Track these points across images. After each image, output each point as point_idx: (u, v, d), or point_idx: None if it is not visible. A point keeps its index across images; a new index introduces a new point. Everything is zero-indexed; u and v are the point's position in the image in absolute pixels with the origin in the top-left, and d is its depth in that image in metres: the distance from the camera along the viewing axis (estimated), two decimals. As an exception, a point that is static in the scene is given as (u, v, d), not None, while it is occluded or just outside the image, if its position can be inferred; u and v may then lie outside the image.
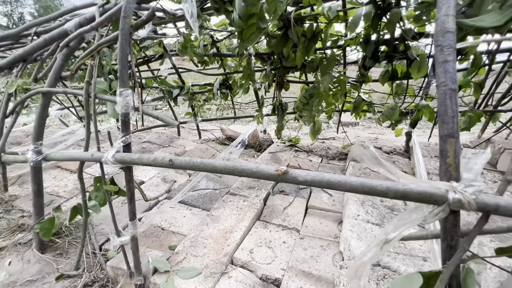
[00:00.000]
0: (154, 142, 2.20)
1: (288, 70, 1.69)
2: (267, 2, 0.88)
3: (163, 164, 0.63)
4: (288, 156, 1.98)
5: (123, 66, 0.69)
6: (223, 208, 1.28)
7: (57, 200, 1.38)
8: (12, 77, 1.25)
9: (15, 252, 1.02)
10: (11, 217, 1.21)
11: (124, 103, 0.69)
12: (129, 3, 0.67)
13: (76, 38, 0.96)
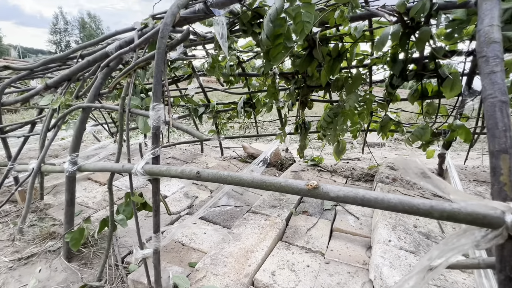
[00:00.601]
0: (178, 158, 2.26)
1: (312, 89, 1.69)
2: (295, 22, 0.91)
3: (190, 176, 0.64)
4: (311, 175, 1.93)
5: (157, 82, 0.72)
6: (244, 226, 1.25)
7: (85, 211, 1.44)
8: (57, 94, 1.38)
9: (44, 259, 1.06)
10: (43, 225, 1.27)
11: (156, 117, 0.73)
12: (166, 26, 0.73)
13: (116, 58, 1.05)
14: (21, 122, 1.51)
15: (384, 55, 1.34)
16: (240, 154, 2.46)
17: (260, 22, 1.16)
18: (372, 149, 2.71)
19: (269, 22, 0.92)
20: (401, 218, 1.16)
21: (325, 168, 2.07)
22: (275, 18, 0.91)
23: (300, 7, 0.90)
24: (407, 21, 1.08)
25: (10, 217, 1.34)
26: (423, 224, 1.14)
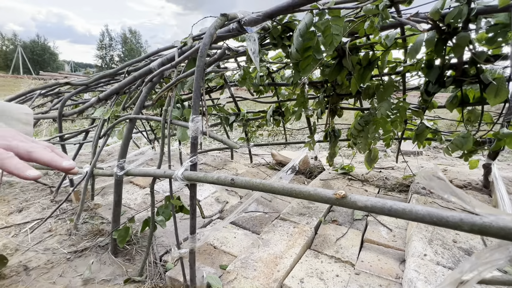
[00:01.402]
0: (210, 164, 2.37)
1: (342, 97, 1.69)
2: (324, 35, 0.94)
3: (225, 182, 0.69)
4: (341, 184, 1.90)
5: (196, 97, 0.80)
6: (273, 232, 1.28)
7: (128, 211, 1.58)
8: (107, 106, 1.55)
9: (95, 253, 1.19)
10: (94, 223, 1.42)
11: (194, 128, 0.80)
12: (205, 45, 0.80)
13: (158, 74, 1.16)
14: (77, 131, 1.72)
15: (418, 62, 1.30)
16: (269, 161, 2.50)
17: (290, 35, 1.21)
18: (408, 158, 2.58)
19: (298, 37, 0.96)
20: (439, 232, 1.10)
21: (355, 177, 2.02)
22: (304, 33, 0.95)
23: (329, 20, 0.93)
24: (442, 27, 1.05)
25: (67, 214, 1.52)
26: (464, 239, 1.07)
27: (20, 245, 1.24)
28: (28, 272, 1.06)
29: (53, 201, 1.70)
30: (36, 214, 1.54)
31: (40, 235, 1.33)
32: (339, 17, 0.92)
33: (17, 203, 1.71)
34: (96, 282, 1.03)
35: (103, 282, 1.03)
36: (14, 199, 1.76)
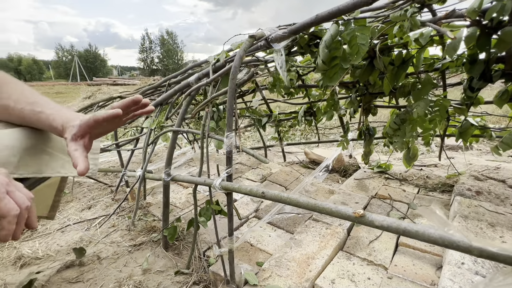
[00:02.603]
0: (245, 163, 2.49)
1: (375, 96, 1.64)
2: (350, 45, 0.95)
3: (257, 194, 0.77)
4: (377, 184, 1.86)
5: (230, 115, 0.89)
6: (306, 233, 1.34)
7: (174, 210, 1.77)
8: (153, 117, 1.74)
9: (150, 247, 1.38)
10: (147, 220, 1.63)
11: (229, 143, 0.90)
12: (235, 68, 0.89)
13: (195, 89, 1.29)
14: (129, 139, 1.96)
15: (459, 58, 1.22)
16: (302, 160, 2.53)
17: (317, 42, 1.23)
18: (455, 153, 2.38)
19: (324, 48, 0.99)
20: (482, 239, 1.05)
21: (393, 175, 1.96)
22: (330, 44, 0.98)
23: (355, 30, 0.94)
24: (484, 23, 0.98)
25: (125, 212, 1.77)
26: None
27: (92, 238, 1.49)
28: (100, 261, 1.29)
29: (114, 200, 1.97)
30: (101, 211, 1.82)
31: (106, 230, 1.58)
32: (365, 26, 0.93)
33: (86, 200, 2.03)
34: (152, 272, 1.21)
35: (158, 273, 1.21)
36: (83, 197, 2.09)
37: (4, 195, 0.51)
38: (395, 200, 1.62)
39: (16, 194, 0.55)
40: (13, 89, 0.75)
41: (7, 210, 0.50)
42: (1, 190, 0.51)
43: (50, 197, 1.05)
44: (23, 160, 0.76)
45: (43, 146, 0.80)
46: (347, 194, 1.71)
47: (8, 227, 0.50)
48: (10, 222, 0.50)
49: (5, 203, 0.50)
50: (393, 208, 1.53)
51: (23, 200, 0.55)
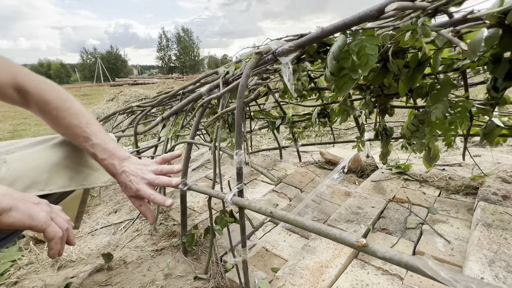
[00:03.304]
0: (260, 165, 2.51)
1: (391, 97, 1.59)
2: (358, 56, 0.93)
3: (265, 213, 0.80)
4: (395, 186, 1.81)
5: (238, 133, 0.92)
6: (320, 240, 1.35)
7: (193, 214, 1.84)
8: (168, 126, 1.81)
9: (170, 252, 1.46)
10: (168, 224, 1.72)
11: (238, 160, 0.92)
12: (242, 87, 0.90)
13: (207, 102, 1.32)
14: (148, 146, 2.06)
15: (481, 58, 1.14)
16: (318, 160, 2.51)
17: (326, 49, 1.21)
18: (482, 151, 2.24)
19: (332, 60, 0.97)
20: (506, 251, 1.00)
21: (413, 176, 1.89)
22: (338, 55, 0.96)
23: (363, 40, 0.92)
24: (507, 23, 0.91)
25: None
26: (539, 260, 0.95)
27: (118, 242, 1.61)
28: (126, 265, 1.39)
29: (137, 204, 2.09)
30: (126, 215, 1.94)
31: (131, 234, 1.69)
32: (374, 36, 0.90)
33: (113, 204, 2.16)
34: (173, 277, 1.29)
35: (178, 278, 1.28)
36: (110, 201, 2.24)
37: (50, 222, 0.61)
38: (414, 204, 1.57)
39: (58, 220, 0.64)
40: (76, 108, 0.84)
41: (53, 234, 0.60)
42: (47, 218, 0.61)
43: (74, 208, 1.15)
44: (51, 177, 0.85)
45: (67, 162, 0.88)
46: (363, 198, 1.68)
47: (55, 247, 0.61)
48: (56, 243, 0.61)
49: (51, 229, 0.60)
50: (411, 212, 1.49)
51: (63, 224, 0.64)
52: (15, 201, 0.57)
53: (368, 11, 0.76)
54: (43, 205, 0.64)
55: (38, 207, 0.61)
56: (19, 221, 0.56)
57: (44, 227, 0.59)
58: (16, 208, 0.56)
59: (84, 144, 0.80)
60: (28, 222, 0.57)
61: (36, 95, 0.77)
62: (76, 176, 0.91)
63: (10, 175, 0.75)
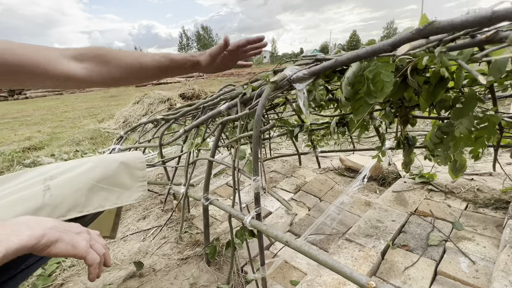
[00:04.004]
0: (279, 171, 2.55)
1: (413, 108, 1.54)
2: (373, 82, 0.93)
3: (281, 241, 0.84)
4: (418, 197, 1.76)
5: (255, 160, 0.96)
6: (338, 254, 1.37)
7: (214, 223, 1.93)
8: (191, 138, 1.90)
9: (195, 261, 1.56)
10: (192, 232, 1.82)
11: (256, 186, 0.97)
12: (258, 116, 0.95)
13: (225, 121, 1.38)
14: (172, 157, 2.17)
15: (508, 74, 1.08)
16: (337, 166, 2.49)
17: (343, 68, 1.21)
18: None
19: (347, 85, 0.98)
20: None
21: (438, 186, 1.83)
22: (353, 81, 0.97)
23: (378, 67, 0.92)
24: (536, 42, 0.86)
25: (173, 224, 1.99)
26: None
27: (147, 249, 1.74)
28: (155, 273, 1.51)
29: (163, 211, 2.23)
30: (154, 222, 2.08)
31: (159, 241, 1.81)
32: (389, 63, 0.89)
33: (141, 210, 2.32)
34: (198, 286, 1.38)
35: (202, 287, 1.37)
36: (139, 206, 2.40)
37: (89, 250, 0.71)
38: (437, 218, 1.53)
39: (96, 246, 0.74)
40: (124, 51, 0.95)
41: (92, 261, 0.69)
42: (87, 246, 0.70)
43: (111, 220, 1.27)
44: (88, 199, 0.96)
45: (101, 184, 0.99)
46: (384, 210, 1.66)
47: (94, 272, 0.70)
48: (95, 268, 0.69)
49: (91, 256, 0.69)
50: (434, 228, 1.45)
51: (101, 249, 0.73)
52: (61, 233, 0.66)
53: (382, 45, 0.76)
54: (84, 234, 0.73)
55: (79, 236, 0.71)
56: (64, 251, 0.65)
57: (85, 255, 0.68)
58: (62, 240, 0.65)
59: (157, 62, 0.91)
60: (71, 252, 0.66)
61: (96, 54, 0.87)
62: (110, 196, 1.01)
63: (54, 201, 0.86)
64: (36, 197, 0.84)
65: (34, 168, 0.98)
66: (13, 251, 0.55)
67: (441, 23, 0.66)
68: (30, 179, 0.91)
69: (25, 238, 0.58)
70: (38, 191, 0.86)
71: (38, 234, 0.61)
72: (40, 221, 0.65)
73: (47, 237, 0.62)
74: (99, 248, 0.72)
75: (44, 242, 0.62)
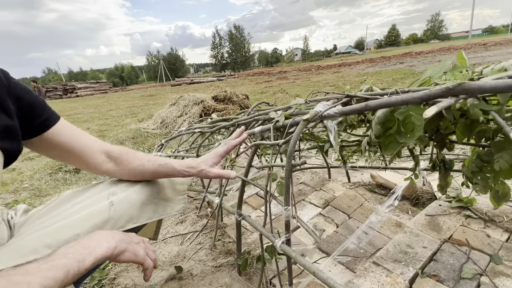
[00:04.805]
0: (308, 184, 2.60)
1: (449, 134, 1.50)
2: (403, 124, 0.97)
3: (309, 271, 0.92)
4: (453, 223, 1.71)
5: (286, 192, 1.06)
6: (364, 278, 1.41)
7: (245, 232, 2.06)
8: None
9: (227, 269, 1.70)
10: (224, 241, 1.97)
11: (287, 215, 1.06)
12: (291, 153, 1.03)
13: (258, 145, 1.48)
14: (208, 167, 2.35)
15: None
16: (368, 182, 2.48)
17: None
18: None
19: (377, 125, 1.02)
20: None
21: (477, 213, 1.75)
22: (383, 121, 1.01)
23: (409, 109, 0.95)
24: None
25: (207, 230, 2.16)
26: None
27: (185, 253, 1.92)
28: (192, 277, 1.68)
29: (198, 216, 2.42)
30: (190, 227, 2.27)
31: (195, 247, 1.99)
32: (419, 107, 0.92)
33: (179, 214, 2.54)
34: (230, 295, 1.52)
35: (234, 296, 1.51)
36: (176, 210, 2.62)
37: (146, 257, 0.89)
38: (473, 249, 1.48)
39: (150, 253, 0.92)
40: (142, 155, 1.14)
41: (148, 266, 0.87)
42: (145, 254, 0.89)
43: (154, 224, 1.47)
44: (141, 212, 1.14)
45: (151, 198, 1.16)
46: (415, 235, 1.65)
47: (148, 274, 0.88)
48: (150, 271, 0.88)
49: (147, 262, 0.88)
50: (469, 259, 1.42)
51: (153, 255, 0.93)
52: (127, 244, 0.83)
53: (412, 98, 0.80)
54: (142, 244, 0.91)
55: (139, 246, 0.88)
56: (128, 259, 0.83)
57: (143, 262, 0.87)
58: (127, 250, 0.83)
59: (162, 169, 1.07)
60: (134, 259, 0.84)
61: (118, 155, 1.09)
62: (157, 209, 1.18)
63: (116, 215, 1.04)
64: (103, 212, 1.03)
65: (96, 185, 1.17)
66: (99, 259, 0.73)
67: (471, 86, 0.68)
68: (96, 194, 1.11)
69: (105, 250, 0.76)
70: (104, 207, 1.05)
71: (113, 246, 0.79)
72: (113, 236, 0.83)
73: (118, 248, 0.80)
74: (152, 254, 0.92)
75: (116, 253, 0.80)
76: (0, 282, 0.55)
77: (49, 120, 0.99)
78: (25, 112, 0.91)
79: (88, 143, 1.05)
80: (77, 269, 0.66)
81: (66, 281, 0.63)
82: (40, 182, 3.79)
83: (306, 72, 25.38)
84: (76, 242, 0.73)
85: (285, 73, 27.42)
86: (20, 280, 0.56)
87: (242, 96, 8.69)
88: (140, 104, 14.34)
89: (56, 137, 0.99)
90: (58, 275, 0.62)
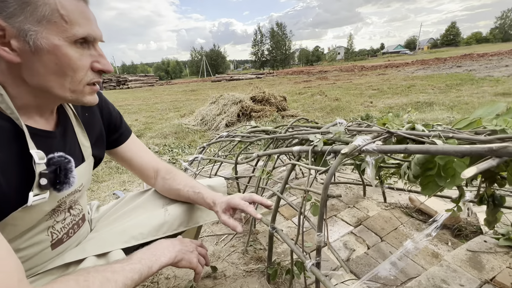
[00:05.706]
0: (342, 199, 2.61)
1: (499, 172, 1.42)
2: (444, 168, 0.97)
3: (336, 298, 1.00)
4: (498, 263, 1.61)
5: (320, 219, 1.13)
6: (392, 307, 1.42)
7: (276, 241, 2.17)
8: (262, 166, 2.16)
9: (257, 276, 1.83)
10: (256, 247, 2.10)
11: (319, 240, 1.14)
12: (327, 184, 1.11)
13: (295, 165, 1.57)
14: (244, 176, 2.49)
15: None
16: (406, 204, 2.40)
17: (416, 136, 1.24)
18: None
19: (416, 165, 1.04)
20: None
21: (528, 255, 1.62)
22: (422, 163, 1.02)
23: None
24: None
25: (240, 235, 2.32)
26: None
27: (220, 254, 2.10)
28: (225, 278, 1.84)
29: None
30: (224, 229, 2.45)
31: (228, 249, 2.16)
32: (464, 155, 0.92)
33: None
34: (259, 301, 1.64)
35: (262, 302, 1.63)
36: (213, 210, 2.83)
37: (198, 264, 1.07)
38: (518, 295, 1.39)
39: (201, 259, 1.10)
40: (181, 178, 1.31)
41: (199, 270, 1.06)
42: (197, 260, 1.06)
43: (195, 227, 1.65)
44: (189, 217, 1.32)
45: (196, 206, 1.33)
46: (452, 270, 1.59)
47: (199, 272, 1.06)
48: (200, 270, 1.06)
49: (199, 268, 1.06)
50: (512, 306, 1.34)
51: (204, 261, 1.10)
52: (183, 254, 1.00)
53: (453, 151, 0.82)
54: (195, 251, 1.07)
55: (192, 254, 1.05)
56: (183, 266, 1.00)
57: (195, 267, 1.03)
58: (184, 259, 0.99)
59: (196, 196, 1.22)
60: (188, 265, 1.01)
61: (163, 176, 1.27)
62: (202, 214, 1.36)
63: (170, 219, 1.22)
64: (159, 216, 1.21)
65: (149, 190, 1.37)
66: (162, 266, 0.91)
67: (516, 151, 0.69)
68: (150, 201, 1.30)
69: (168, 259, 0.93)
70: (161, 212, 1.23)
71: (173, 256, 0.96)
72: (174, 246, 1.01)
73: (177, 258, 0.97)
74: (202, 251, 1.11)
75: (175, 261, 0.97)
76: (97, 276, 0.73)
77: (123, 136, 1.21)
78: (110, 126, 1.13)
79: (146, 161, 1.25)
80: (146, 273, 0.83)
81: (139, 282, 0.81)
82: (97, 169, 4.35)
83: (348, 73, 24.35)
84: (147, 249, 0.91)
85: (325, 73, 26.65)
86: (110, 278, 0.74)
87: (279, 98, 8.75)
88: (182, 99, 15.23)
89: (124, 153, 1.20)
90: (134, 277, 0.79)
